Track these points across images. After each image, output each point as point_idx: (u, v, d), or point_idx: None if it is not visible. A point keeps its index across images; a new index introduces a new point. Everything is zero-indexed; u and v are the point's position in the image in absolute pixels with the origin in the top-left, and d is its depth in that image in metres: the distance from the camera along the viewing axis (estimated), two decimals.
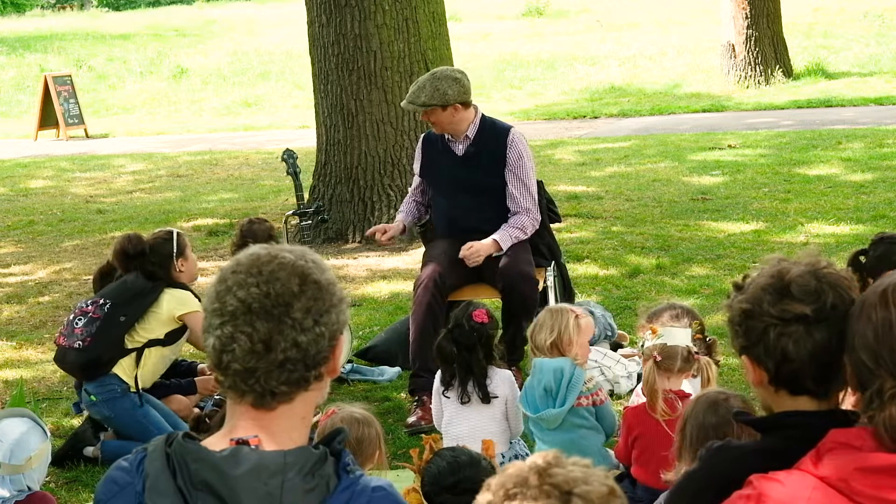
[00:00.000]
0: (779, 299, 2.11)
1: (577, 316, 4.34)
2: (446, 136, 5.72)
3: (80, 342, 5.13)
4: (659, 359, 3.93)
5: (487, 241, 5.53)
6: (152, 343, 5.26)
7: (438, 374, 4.67)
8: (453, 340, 4.50)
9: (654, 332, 3.98)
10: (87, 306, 5.25)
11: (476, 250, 5.50)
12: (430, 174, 5.83)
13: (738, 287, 2.21)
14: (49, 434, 3.96)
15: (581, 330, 4.33)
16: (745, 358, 2.19)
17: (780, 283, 2.12)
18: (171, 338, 5.31)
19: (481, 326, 4.50)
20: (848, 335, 2.02)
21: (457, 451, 3.52)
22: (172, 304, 5.26)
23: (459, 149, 5.70)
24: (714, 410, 3.11)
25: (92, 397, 5.18)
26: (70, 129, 18.22)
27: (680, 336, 3.95)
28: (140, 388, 5.20)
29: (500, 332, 5.02)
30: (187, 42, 28.48)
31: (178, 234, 5.39)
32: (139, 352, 5.23)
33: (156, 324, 5.25)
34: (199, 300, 5.24)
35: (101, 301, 5.25)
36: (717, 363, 4.34)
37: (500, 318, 5.27)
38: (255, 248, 1.93)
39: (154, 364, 5.30)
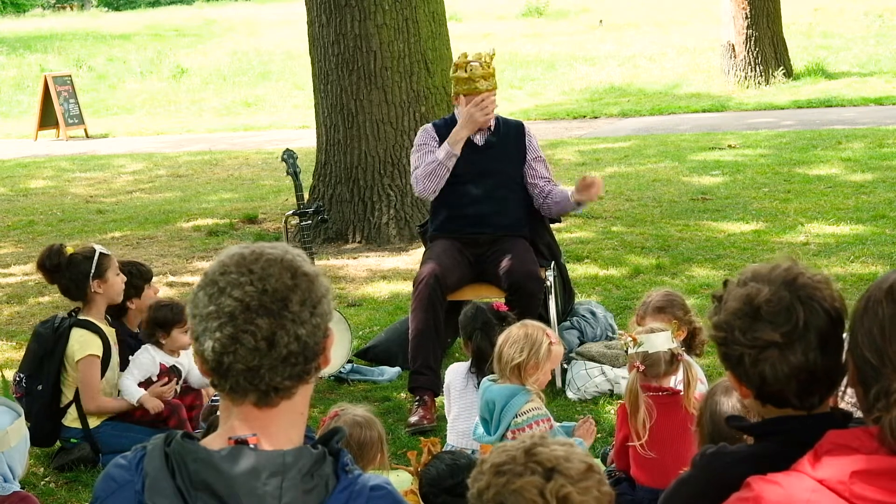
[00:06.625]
0: (749, 325, 2.09)
1: (551, 343, 4.12)
2: None
3: None
4: (643, 368, 3.89)
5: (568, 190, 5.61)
6: None
7: (453, 371, 4.68)
8: (489, 341, 4.52)
9: (634, 340, 3.93)
10: (14, 386, 5.11)
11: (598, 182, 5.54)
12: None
13: (718, 298, 2.18)
14: (23, 414, 3.76)
15: (550, 358, 4.13)
16: (729, 374, 2.19)
17: (749, 307, 2.09)
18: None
19: (508, 315, 4.62)
20: (850, 333, 1.98)
21: (456, 454, 3.56)
22: (74, 349, 4.99)
23: (478, 139, 5.72)
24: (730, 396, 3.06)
25: (73, 440, 5.08)
26: (70, 129, 18.22)
27: (660, 341, 3.90)
28: (91, 427, 5.02)
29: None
30: (187, 42, 28.50)
31: (101, 254, 5.05)
32: (76, 401, 5.04)
33: (73, 370, 5.02)
34: (104, 340, 5.02)
35: (18, 378, 5.09)
36: (700, 347, 4.42)
37: None
38: (235, 249, 1.93)
39: None
